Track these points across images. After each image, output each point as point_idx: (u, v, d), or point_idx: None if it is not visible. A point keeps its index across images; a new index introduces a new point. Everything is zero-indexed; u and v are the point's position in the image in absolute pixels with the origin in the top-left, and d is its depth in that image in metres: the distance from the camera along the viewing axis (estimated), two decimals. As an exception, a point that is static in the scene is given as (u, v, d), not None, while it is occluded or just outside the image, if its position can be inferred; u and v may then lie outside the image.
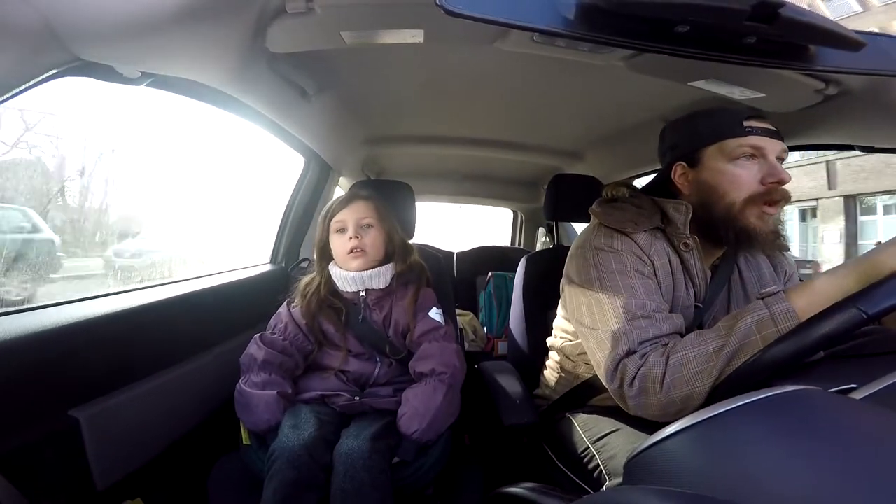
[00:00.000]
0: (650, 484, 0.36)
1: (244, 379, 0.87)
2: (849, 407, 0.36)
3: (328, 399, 0.89)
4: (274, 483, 0.70)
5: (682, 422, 0.37)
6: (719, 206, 0.74)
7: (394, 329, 0.95)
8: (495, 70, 0.96)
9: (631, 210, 0.81)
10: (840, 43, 0.56)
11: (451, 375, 0.89)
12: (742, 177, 0.72)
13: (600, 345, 0.72)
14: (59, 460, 0.68)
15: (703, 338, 0.64)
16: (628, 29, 0.53)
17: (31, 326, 0.64)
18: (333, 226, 0.96)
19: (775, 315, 0.59)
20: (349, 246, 0.93)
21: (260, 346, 0.90)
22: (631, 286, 0.73)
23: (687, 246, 0.78)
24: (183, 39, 0.59)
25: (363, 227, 0.95)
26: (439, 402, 0.84)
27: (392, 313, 0.96)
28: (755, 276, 0.85)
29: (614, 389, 0.69)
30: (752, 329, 0.60)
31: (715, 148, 0.74)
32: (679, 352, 0.64)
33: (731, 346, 0.60)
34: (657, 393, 0.64)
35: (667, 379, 0.63)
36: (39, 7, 0.48)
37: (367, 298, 0.95)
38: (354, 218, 0.95)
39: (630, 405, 0.68)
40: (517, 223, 2.74)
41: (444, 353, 0.91)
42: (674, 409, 0.63)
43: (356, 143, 1.57)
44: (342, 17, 0.67)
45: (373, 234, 0.95)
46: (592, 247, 0.79)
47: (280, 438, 0.75)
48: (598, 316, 0.74)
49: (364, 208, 0.97)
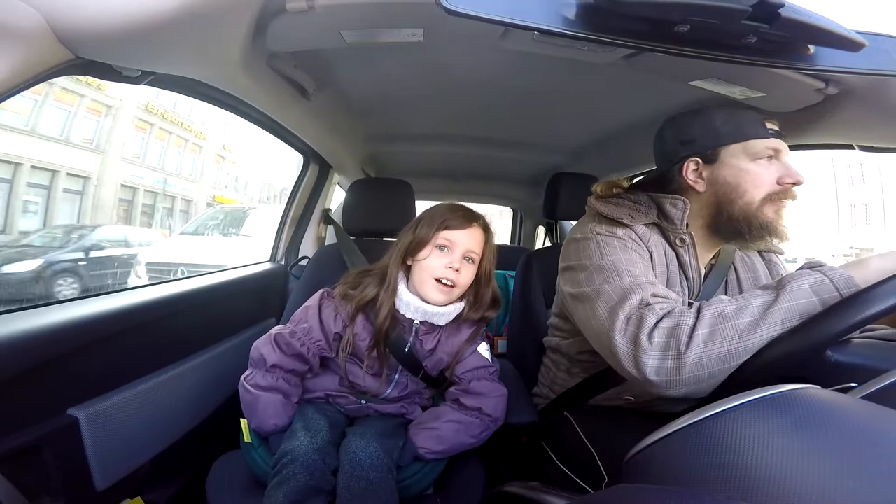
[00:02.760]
0: (649, 482, 0.36)
1: (249, 375, 0.82)
2: (849, 405, 0.36)
3: (332, 399, 0.88)
4: (285, 488, 0.68)
5: (682, 420, 0.37)
6: (739, 203, 0.74)
7: (434, 363, 0.86)
8: (495, 69, 0.96)
9: (627, 204, 0.81)
10: (840, 43, 0.56)
11: (493, 421, 0.84)
12: (763, 176, 0.73)
13: (605, 299, 0.66)
14: (58, 460, 0.68)
15: (739, 297, 0.59)
16: (629, 28, 0.53)
17: (30, 326, 0.64)
18: (440, 239, 0.82)
19: (834, 279, 0.56)
20: (444, 274, 0.81)
21: (274, 348, 0.82)
22: (633, 260, 0.72)
23: (683, 242, 0.78)
24: (183, 38, 0.58)
25: (466, 260, 0.83)
26: (469, 441, 0.81)
27: (438, 348, 0.86)
28: (751, 277, 0.85)
29: (624, 346, 0.60)
30: (807, 290, 0.55)
31: (738, 147, 0.74)
32: (714, 305, 0.58)
33: (783, 302, 0.55)
34: (683, 349, 0.56)
35: (698, 331, 0.56)
36: (39, 6, 0.48)
37: (419, 328, 0.85)
38: (466, 246, 0.83)
39: (644, 364, 0.57)
40: (517, 221, 2.74)
41: (496, 396, 0.85)
42: (700, 374, 0.55)
43: (356, 141, 1.57)
44: (342, 16, 0.67)
45: (470, 272, 0.84)
46: (593, 231, 0.78)
47: (293, 441, 0.73)
48: (601, 279, 0.70)
49: (479, 239, 0.85)
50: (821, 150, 1.01)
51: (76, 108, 10.79)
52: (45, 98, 10.04)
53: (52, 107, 10.23)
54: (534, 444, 0.96)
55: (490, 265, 0.87)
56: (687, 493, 0.31)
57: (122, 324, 0.80)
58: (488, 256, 0.86)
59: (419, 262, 0.83)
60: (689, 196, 0.79)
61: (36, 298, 4.74)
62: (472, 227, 0.84)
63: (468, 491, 0.84)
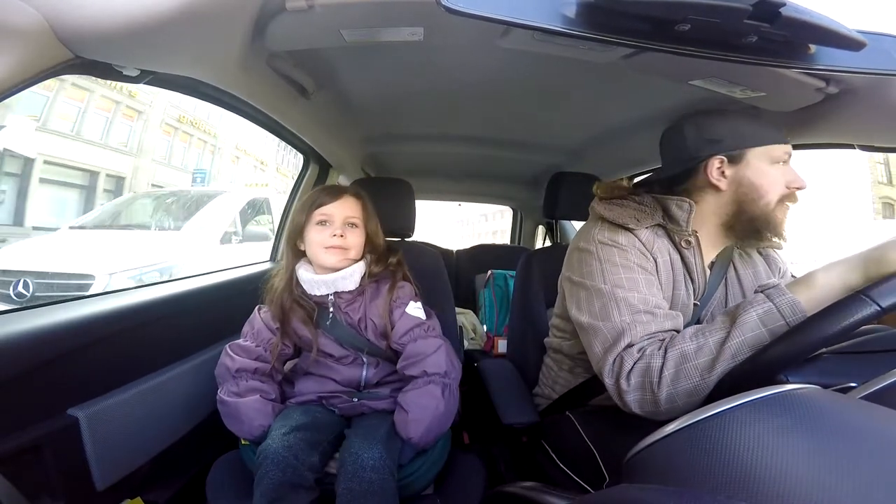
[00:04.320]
0: (649, 482, 0.36)
1: (222, 389, 0.85)
2: (849, 405, 0.36)
3: (326, 400, 0.88)
4: (262, 486, 0.70)
5: (682, 420, 0.37)
6: (759, 203, 0.76)
7: (372, 331, 0.91)
8: (495, 68, 0.96)
9: (632, 206, 0.82)
10: (841, 42, 0.56)
11: (443, 375, 0.85)
12: (779, 179, 0.76)
13: (601, 339, 0.72)
14: (58, 460, 0.68)
15: (701, 332, 0.63)
16: (629, 27, 0.53)
17: (30, 326, 0.64)
18: (315, 216, 0.90)
19: (781, 307, 0.58)
20: (331, 242, 0.88)
21: (232, 356, 0.87)
22: (634, 280, 0.74)
23: (688, 243, 0.79)
24: (182, 37, 0.58)
25: (348, 226, 0.91)
26: (435, 406, 0.81)
27: (367, 314, 0.91)
28: (751, 273, 0.86)
29: (611, 385, 0.68)
30: (756, 322, 0.59)
31: (762, 150, 0.77)
32: (677, 345, 0.63)
33: (734, 338, 0.59)
34: (655, 388, 0.62)
35: (665, 372, 0.62)
36: (39, 6, 0.47)
37: (336, 301, 0.90)
38: (343, 214, 0.90)
39: (627, 401, 0.66)
40: (517, 221, 2.74)
41: (431, 351, 0.87)
42: (674, 406, 0.61)
43: (356, 140, 1.57)
44: (342, 15, 0.67)
45: (357, 234, 0.92)
46: (595, 240, 0.79)
47: (266, 441, 0.75)
48: (599, 308, 0.73)
49: (353, 206, 0.93)
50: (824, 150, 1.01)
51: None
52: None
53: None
54: (534, 444, 0.96)
55: (375, 224, 0.96)
56: (687, 492, 0.31)
57: (122, 324, 0.80)
58: (370, 217, 0.95)
59: (307, 240, 0.91)
60: (705, 195, 0.80)
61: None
62: (343, 197, 0.92)
63: (468, 491, 0.84)
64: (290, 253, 0.94)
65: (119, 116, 10.58)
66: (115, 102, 10.36)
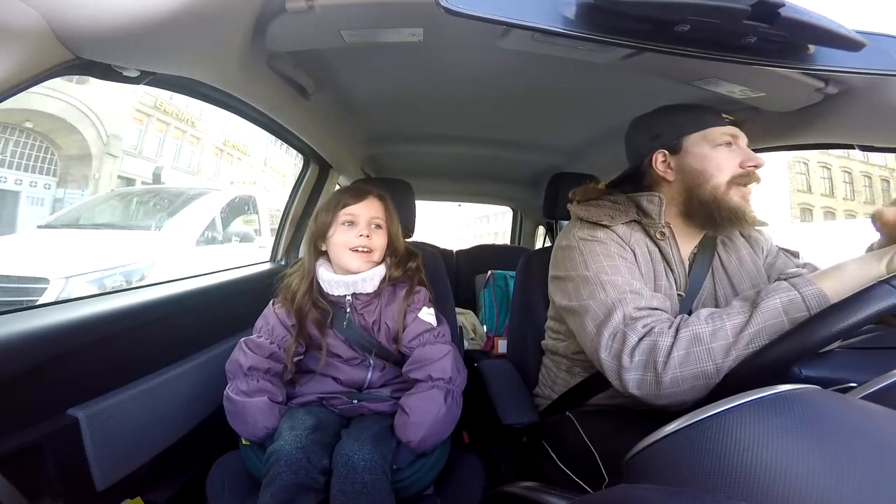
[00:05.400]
0: (649, 482, 0.36)
1: (231, 386, 0.85)
2: (849, 405, 0.36)
3: (326, 401, 0.88)
4: (272, 487, 0.69)
5: (682, 420, 0.37)
6: (706, 188, 0.77)
7: (384, 334, 0.91)
8: (495, 68, 0.96)
9: (607, 206, 0.85)
10: (840, 42, 0.56)
11: (448, 381, 0.85)
12: (725, 160, 0.77)
13: (591, 315, 0.71)
14: (58, 460, 0.68)
15: (717, 315, 0.61)
16: (628, 28, 0.53)
17: (30, 326, 0.64)
18: (341, 217, 0.90)
19: (806, 297, 0.57)
20: (357, 243, 0.88)
21: (246, 351, 0.87)
22: (616, 267, 0.75)
23: (663, 235, 0.82)
24: (182, 38, 0.58)
25: (373, 227, 0.91)
26: (437, 411, 0.81)
27: (381, 317, 0.91)
28: (735, 259, 0.87)
29: (609, 362, 0.65)
30: (779, 310, 0.57)
31: (699, 135, 0.79)
32: (691, 325, 0.61)
33: (754, 325, 0.57)
34: (660, 368, 0.59)
35: (674, 353, 0.59)
36: (39, 6, 0.47)
37: (353, 302, 0.91)
38: (368, 215, 0.91)
39: (626, 379, 0.63)
40: (517, 221, 2.74)
41: (439, 357, 0.86)
42: (676, 391, 0.59)
43: (356, 141, 1.57)
44: (342, 16, 0.67)
45: (381, 236, 0.92)
46: (576, 237, 0.82)
47: (277, 441, 0.74)
48: (586, 292, 0.74)
49: (377, 207, 0.93)
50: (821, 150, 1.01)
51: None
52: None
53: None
54: (534, 444, 0.96)
55: (396, 227, 0.96)
56: (687, 493, 0.31)
57: (122, 324, 0.80)
58: (392, 219, 0.96)
59: (332, 241, 0.90)
60: (662, 188, 0.83)
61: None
62: (368, 198, 0.93)
63: (468, 491, 0.84)
64: (313, 252, 0.94)
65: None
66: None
